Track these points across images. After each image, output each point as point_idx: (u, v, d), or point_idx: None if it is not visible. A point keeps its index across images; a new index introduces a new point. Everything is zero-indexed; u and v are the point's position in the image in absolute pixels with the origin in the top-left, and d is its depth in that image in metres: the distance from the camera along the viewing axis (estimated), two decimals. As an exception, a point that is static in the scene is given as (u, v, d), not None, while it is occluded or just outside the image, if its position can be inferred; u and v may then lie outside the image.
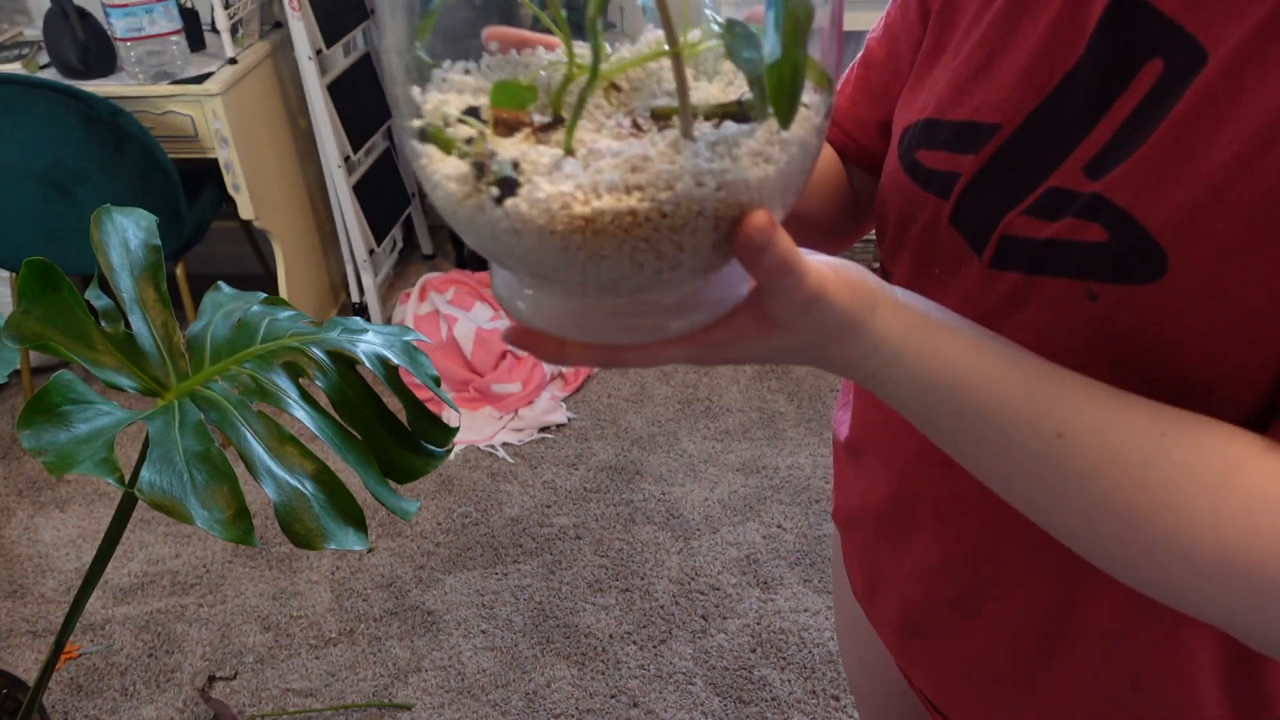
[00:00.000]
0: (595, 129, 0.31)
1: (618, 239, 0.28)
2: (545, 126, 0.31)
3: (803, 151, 0.31)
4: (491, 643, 1.50)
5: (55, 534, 1.74)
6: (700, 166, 0.28)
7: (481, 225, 0.30)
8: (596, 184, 0.28)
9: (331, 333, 0.70)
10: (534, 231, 0.29)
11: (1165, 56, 0.36)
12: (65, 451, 0.50)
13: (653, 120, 0.31)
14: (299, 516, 0.57)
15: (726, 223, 0.29)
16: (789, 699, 1.40)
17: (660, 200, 0.28)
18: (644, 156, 0.28)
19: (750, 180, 0.29)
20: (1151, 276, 0.35)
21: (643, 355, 0.34)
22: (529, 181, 0.28)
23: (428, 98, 0.32)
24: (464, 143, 0.30)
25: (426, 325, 2.12)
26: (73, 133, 1.60)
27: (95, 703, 1.42)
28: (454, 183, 0.30)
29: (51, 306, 0.57)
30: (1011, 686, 0.52)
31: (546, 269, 0.30)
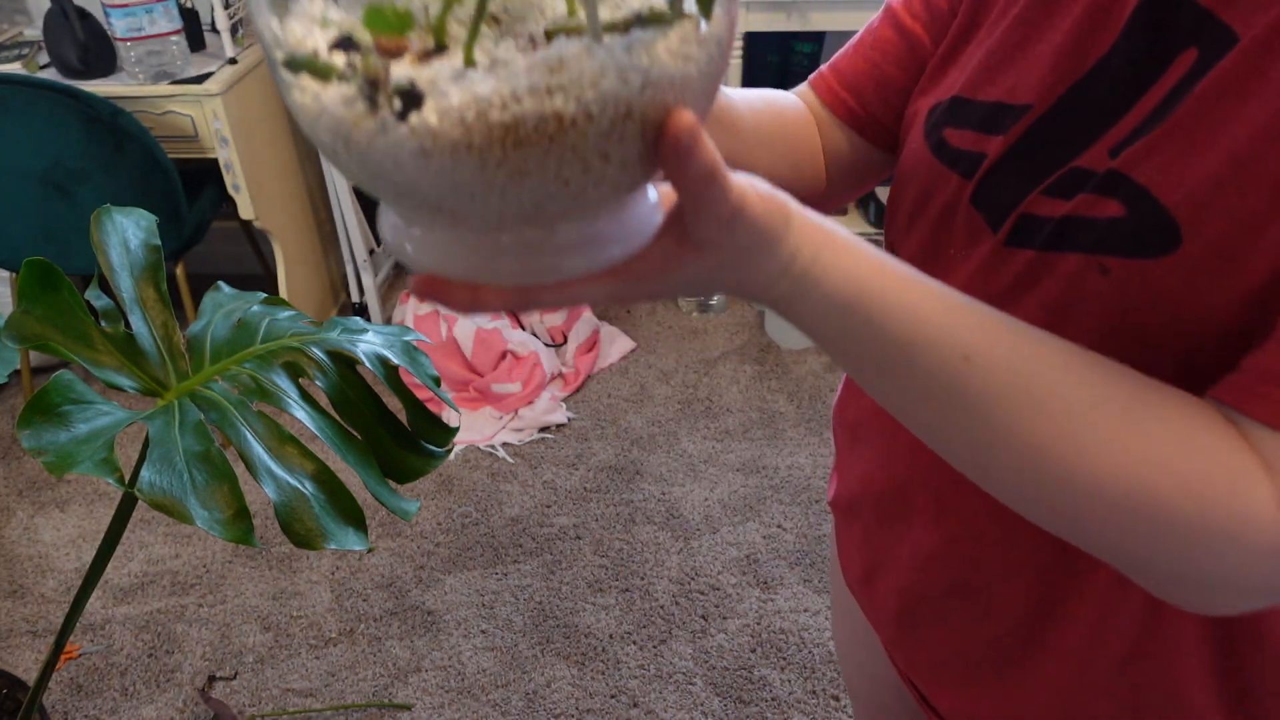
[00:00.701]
0: (495, 36, 0.28)
1: (541, 149, 0.26)
2: (429, 54, 0.27)
3: (719, 50, 0.29)
4: (491, 643, 1.50)
5: (55, 534, 1.74)
6: (624, 61, 0.26)
7: (381, 150, 0.26)
8: (515, 88, 0.25)
9: (331, 333, 0.70)
10: (446, 148, 0.25)
11: (1200, 46, 0.36)
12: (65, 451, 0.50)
13: (548, 40, 0.28)
14: (299, 516, 0.57)
15: (653, 128, 0.28)
16: (789, 699, 1.40)
17: (587, 101, 0.26)
18: (560, 58, 0.25)
19: (675, 76, 0.27)
20: (1164, 250, 0.35)
21: (561, 293, 0.32)
22: (435, 93, 0.25)
23: (288, 28, 0.29)
24: (346, 67, 0.26)
25: (426, 325, 2.12)
26: (73, 133, 1.60)
27: (95, 703, 1.42)
28: (343, 106, 0.26)
29: (51, 306, 0.57)
30: (1003, 675, 0.52)
31: (459, 196, 0.27)
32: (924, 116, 0.48)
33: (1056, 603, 0.48)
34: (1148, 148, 0.36)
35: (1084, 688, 0.49)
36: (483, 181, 0.26)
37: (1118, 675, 0.48)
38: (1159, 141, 0.36)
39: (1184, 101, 0.35)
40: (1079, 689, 0.50)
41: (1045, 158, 0.41)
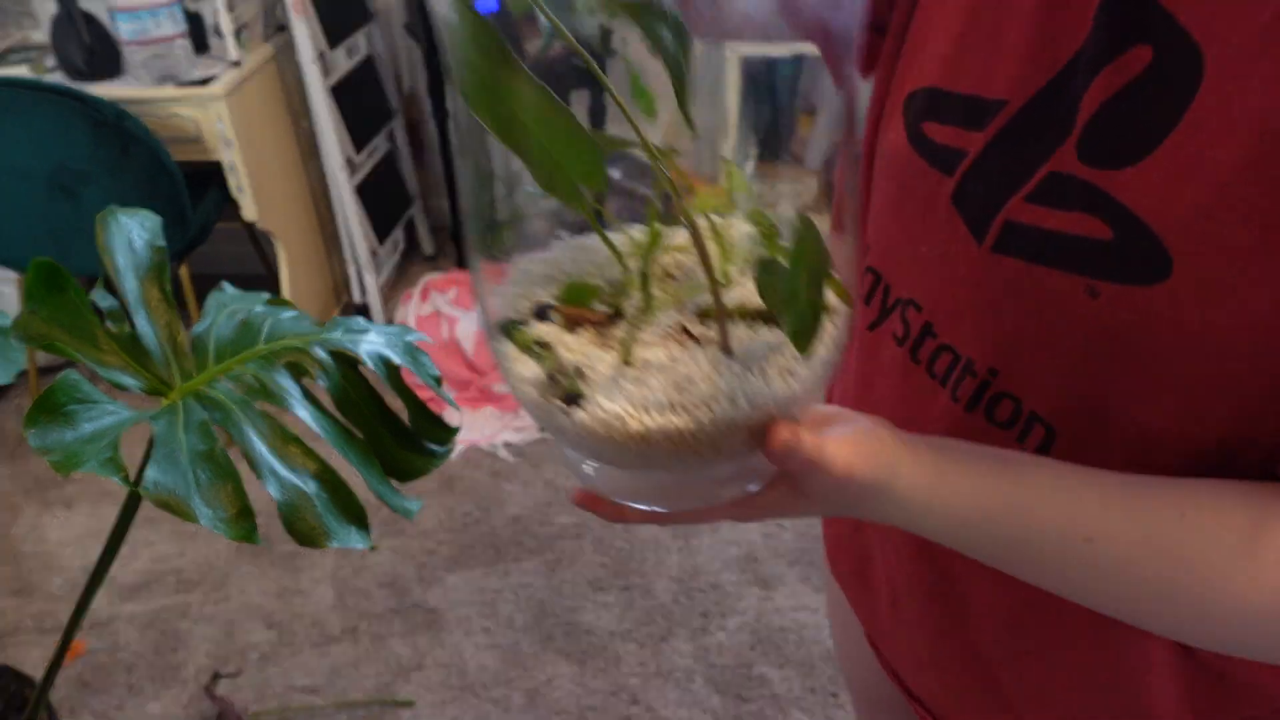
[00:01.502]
0: (651, 325, 0.36)
1: (665, 447, 0.33)
2: (607, 320, 0.36)
3: (824, 366, 0.35)
4: (493, 640, 1.51)
5: (61, 532, 1.75)
6: (735, 387, 0.33)
7: (551, 424, 0.35)
8: (647, 403, 0.32)
9: (334, 333, 0.71)
10: (595, 438, 0.33)
11: (1155, 44, 0.35)
12: (71, 450, 0.51)
13: (698, 319, 0.36)
14: (302, 515, 0.57)
15: (758, 429, 0.33)
16: (788, 696, 1.40)
17: (700, 419, 0.32)
18: (687, 377, 0.33)
19: (778, 396, 0.33)
20: (1155, 278, 0.35)
21: (687, 520, 0.39)
22: (591, 398, 0.33)
23: (506, 292, 0.37)
24: (538, 345, 0.35)
25: (428, 325, 2.13)
26: (78, 135, 1.61)
27: (101, 699, 1.43)
28: (530, 386, 0.35)
29: (57, 307, 0.58)
30: (982, 673, 0.53)
31: (607, 459, 0.36)
32: (902, 104, 0.47)
33: (1034, 608, 0.48)
34: (1138, 173, 0.36)
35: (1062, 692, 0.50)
36: (620, 458, 0.35)
37: (1092, 681, 0.48)
38: (1149, 168, 0.35)
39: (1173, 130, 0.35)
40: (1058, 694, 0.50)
41: (1023, 158, 0.40)
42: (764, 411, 0.33)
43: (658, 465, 0.35)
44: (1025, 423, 0.43)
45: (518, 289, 0.38)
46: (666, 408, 0.32)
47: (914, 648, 0.57)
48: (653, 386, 0.33)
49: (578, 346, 0.35)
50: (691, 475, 0.37)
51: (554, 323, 0.36)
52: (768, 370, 0.33)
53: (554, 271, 0.38)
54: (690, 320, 0.36)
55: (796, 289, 0.31)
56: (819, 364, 0.34)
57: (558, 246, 0.39)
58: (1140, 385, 0.37)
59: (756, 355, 0.34)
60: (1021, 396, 0.42)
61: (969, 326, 0.44)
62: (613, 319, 0.36)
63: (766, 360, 0.33)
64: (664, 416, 0.32)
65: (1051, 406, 0.41)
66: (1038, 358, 0.41)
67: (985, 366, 0.44)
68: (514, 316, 0.36)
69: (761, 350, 0.34)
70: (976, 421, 0.45)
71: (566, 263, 0.39)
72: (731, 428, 0.33)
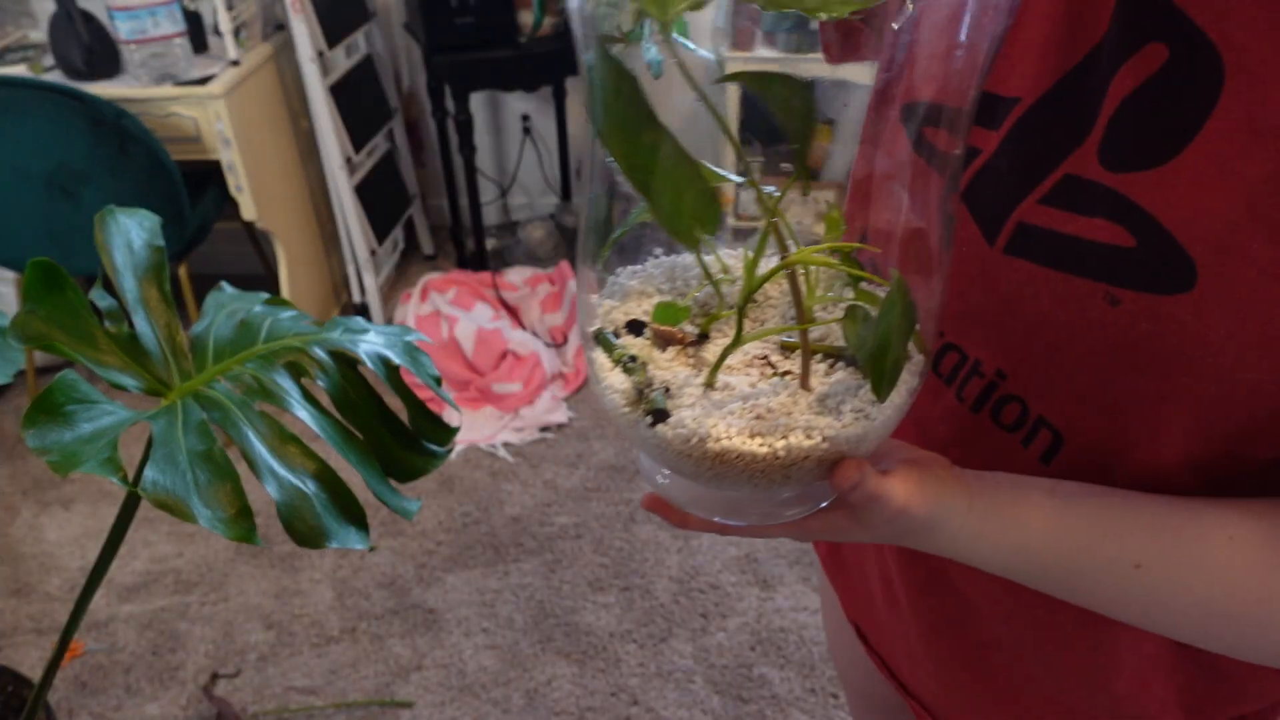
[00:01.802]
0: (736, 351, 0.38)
1: (739, 468, 0.35)
2: (695, 341, 0.39)
3: (896, 411, 0.37)
4: (492, 641, 1.51)
5: (60, 533, 1.75)
6: (810, 422, 0.35)
7: (634, 433, 0.37)
8: (728, 426, 0.35)
9: (333, 333, 0.70)
10: (675, 451, 0.36)
11: (1170, 44, 0.35)
12: (69, 451, 0.50)
13: (782, 352, 0.38)
14: (301, 515, 0.57)
15: (828, 463, 0.36)
16: (788, 697, 1.40)
17: (775, 448, 0.35)
18: (767, 408, 0.35)
19: (851, 436, 0.35)
20: (1178, 288, 0.35)
21: (751, 532, 0.41)
22: (675, 414, 0.35)
23: (602, 302, 0.40)
24: (628, 359, 0.37)
25: (428, 325, 2.13)
26: (77, 135, 1.61)
27: (100, 700, 1.43)
28: (618, 395, 0.37)
29: (56, 307, 0.58)
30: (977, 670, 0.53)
31: (681, 471, 0.38)
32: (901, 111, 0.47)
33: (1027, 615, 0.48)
34: (1160, 179, 0.35)
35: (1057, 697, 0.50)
36: (695, 473, 0.37)
37: (1089, 686, 0.48)
38: (1172, 175, 0.35)
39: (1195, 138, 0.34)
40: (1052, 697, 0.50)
41: (1037, 158, 0.40)
42: (836, 447, 0.35)
43: (729, 484, 0.37)
44: (1032, 427, 0.42)
45: (613, 300, 0.40)
46: (745, 434, 0.35)
47: (909, 645, 0.57)
48: (734, 412, 0.35)
49: (666, 364, 0.38)
50: (759, 495, 0.39)
51: (645, 338, 0.39)
52: (843, 410, 0.35)
53: (647, 287, 0.41)
54: (773, 350, 0.38)
55: (884, 342, 0.33)
56: (892, 409, 0.36)
57: (652, 263, 0.41)
58: (1155, 394, 0.37)
59: (835, 395, 0.36)
60: (1029, 400, 0.42)
61: (978, 328, 0.44)
62: (699, 340, 0.38)
63: (843, 400, 0.36)
64: (742, 441, 0.34)
65: (1060, 411, 0.41)
66: (1048, 362, 0.41)
67: (993, 368, 0.43)
68: (607, 328, 0.39)
69: (840, 391, 0.36)
70: (982, 423, 0.45)
71: (660, 279, 0.41)
72: (804, 459, 0.35)
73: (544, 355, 2.06)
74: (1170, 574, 0.37)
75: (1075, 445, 0.41)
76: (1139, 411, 0.38)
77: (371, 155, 2.27)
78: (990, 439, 0.44)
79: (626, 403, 0.37)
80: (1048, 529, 0.39)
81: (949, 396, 0.46)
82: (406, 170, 2.48)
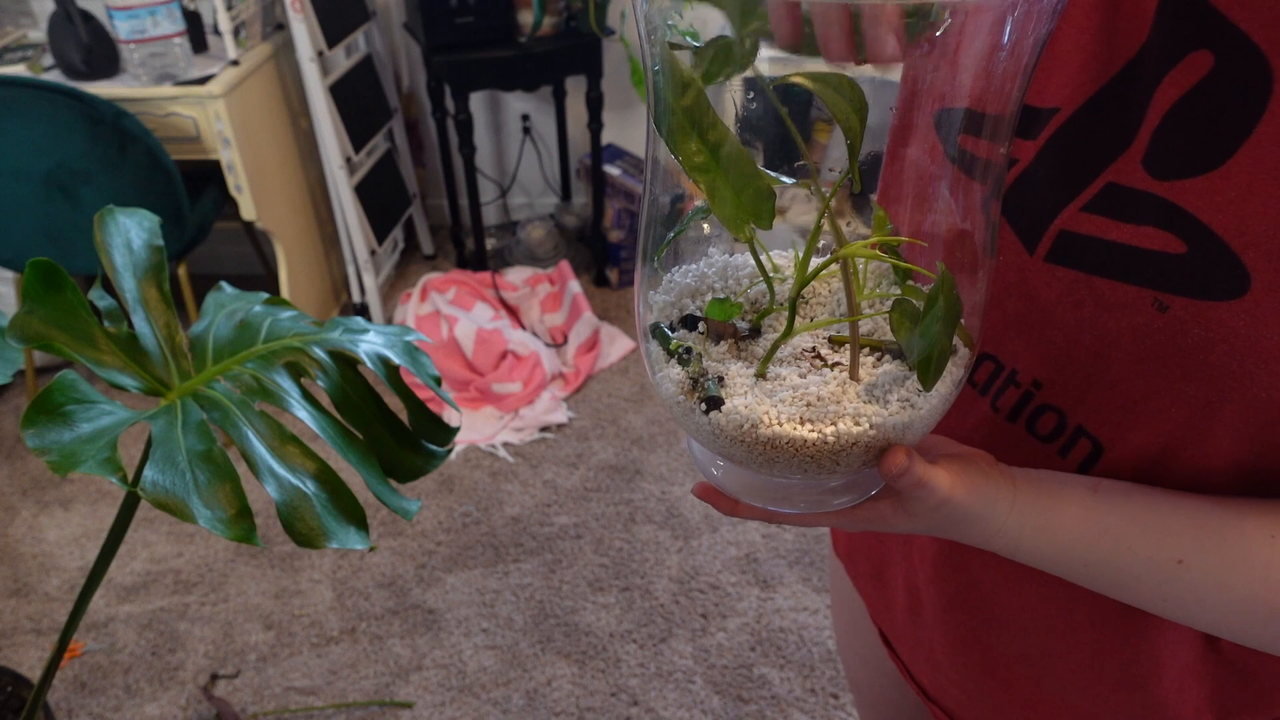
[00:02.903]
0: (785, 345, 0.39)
1: (789, 454, 0.37)
2: (747, 335, 0.40)
3: (942, 401, 0.38)
4: (492, 641, 1.51)
5: (59, 533, 1.74)
6: (859, 410, 0.36)
7: (688, 421, 0.39)
8: (779, 413, 0.36)
9: (333, 333, 0.70)
10: (728, 438, 0.38)
11: (1215, 50, 0.35)
12: (69, 451, 0.50)
13: (831, 346, 0.40)
14: (301, 516, 0.57)
15: (875, 450, 0.37)
16: (788, 697, 1.40)
17: (824, 434, 0.36)
18: (817, 396, 0.37)
19: (897, 423, 0.36)
20: (1231, 294, 0.35)
21: (800, 520, 0.42)
22: (729, 402, 0.37)
23: (658, 298, 0.42)
24: (684, 351, 0.39)
25: (427, 325, 2.13)
26: (76, 134, 1.61)
27: (99, 700, 1.43)
28: (674, 384, 0.39)
29: (55, 307, 0.57)
30: (1002, 678, 0.53)
31: (733, 458, 0.40)
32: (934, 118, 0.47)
33: (1059, 619, 0.48)
34: (1211, 185, 0.35)
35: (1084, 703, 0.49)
36: (748, 458, 0.38)
37: (1117, 692, 0.48)
38: (1222, 180, 0.35)
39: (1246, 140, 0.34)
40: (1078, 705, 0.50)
41: (1077, 166, 0.40)
42: (883, 434, 0.37)
43: (780, 470, 0.38)
44: (1070, 437, 0.42)
45: (669, 298, 0.42)
46: (796, 420, 0.36)
47: (932, 652, 0.57)
48: (785, 400, 0.37)
49: (719, 357, 0.40)
50: (808, 482, 0.40)
51: (700, 332, 0.41)
52: (890, 399, 0.37)
53: (702, 285, 0.43)
54: (821, 343, 0.40)
55: (929, 334, 0.34)
56: (938, 398, 0.38)
57: (707, 262, 0.43)
58: (1203, 401, 0.36)
59: (882, 385, 0.37)
60: (1067, 410, 0.42)
61: (1015, 337, 0.44)
62: (751, 335, 0.40)
63: (890, 390, 0.37)
64: (792, 427, 0.36)
65: (1101, 421, 0.41)
66: (1089, 371, 0.40)
67: (1030, 378, 0.43)
68: (664, 322, 0.41)
69: (887, 381, 0.37)
70: (1017, 433, 0.44)
71: (714, 278, 0.43)
72: (852, 445, 0.37)
73: (544, 355, 2.06)
74: (1213, 571, 0.37)
75: (1115, 455, 0.41)
76: (1185, 420, 0.38)
77: (371, 155, 2.27)
78: (1025, 449, 0.44)
79: (682, 392, 0.39)
80: (1090, 525, 0.39)
81: (984, 406, 0.46)
82: (406, 170, 2.47)
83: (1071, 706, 0.50)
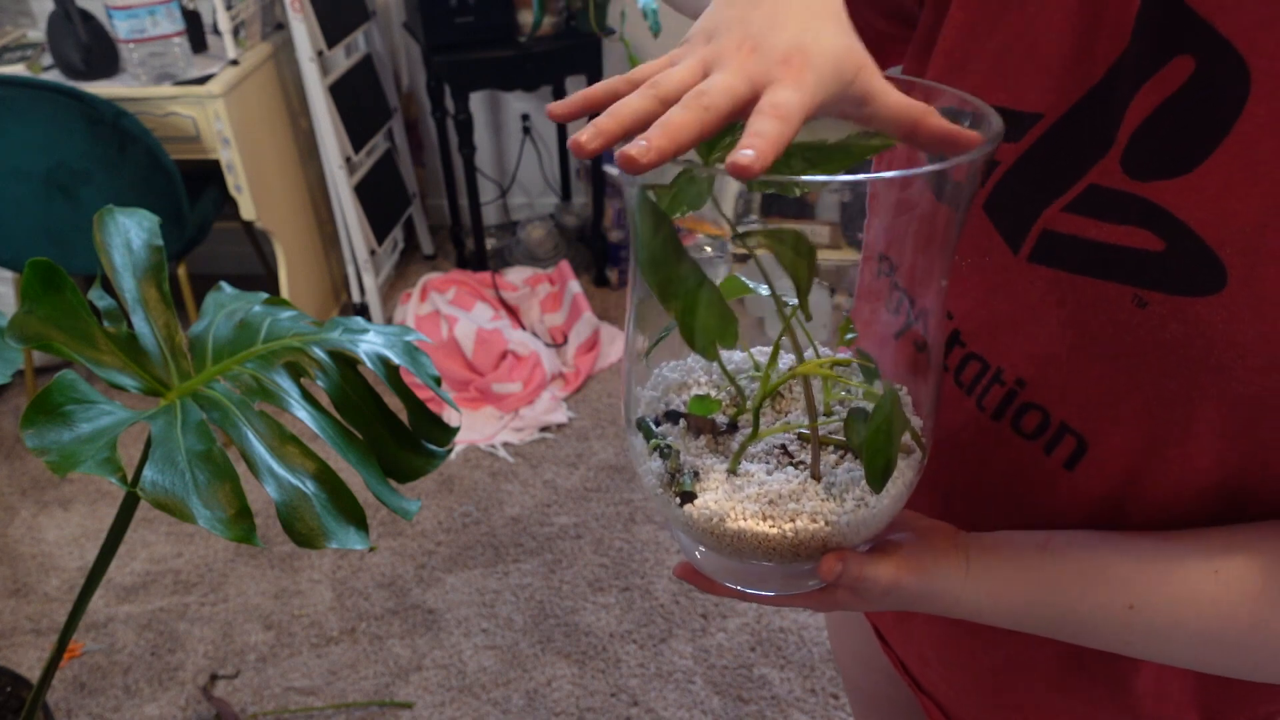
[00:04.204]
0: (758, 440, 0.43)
1: (753, 545, 0.41)
2: (725, 430, 0.44)
3: (893, 501, 0.41)
4: (492, 641, 1.50)
5: (58, 533, 1.74)
6: (816, 508, 0.40)
7: (667, 510, 0.43)
8: (744, 509, 0.40)
9: (333, 333, 0.70)
10: (699, 529, 0.41)
11: (1196, 55, 0.35)
12: (68, 451, 0.50)
13: (800, 443, 0.43)
14: (300, 516, 0.57)
15: (833, 543, 0.41)
16: (788, 697, 1.40)
17: (784, 529, 0.40)
18: (779, 494, 0.40)
19: (852, 521, 0.40)
20: (1208, 290, 0.35)
21: (775, 602, 0.46)
22: (701, 496, 0.41)
23: (645, 393, 0.46)
24: (664, 446, 0.43)
25: (427, 325, 2.13)
26: (76, 134, 1.60)
27: (98, 701, 1.42)
28: (654, 477, 0.43)
29: (54, 307, 0.57)
30: (991, 673, 0.53)
31: (708, 545, 0.43)
32: None
33: None
34: (1189, 184, 0.35)
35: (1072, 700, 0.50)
36: (721, 548, 0.42)
37: (1106, 688, 0.48)
38: (1200, 179, 0.35)
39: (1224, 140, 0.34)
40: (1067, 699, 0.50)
41: (1060, 168, 0.40)
42: (838, 530, 0.40)
43: (748, 558, 0.42)
44: (1054, 434, 0.43)
45: (656, 392, 0.46)
46: (758, 516, 0.40)
47: (921, 648, 0.57)
48: (750, 496, 0.40)
49: (697, 451, 0.43)
50: (777, 568, 0.44)
51: (682, 428, 0.44)
52: (846, 498, 0.40)
53: (688, 380, 0.46)
54: (791, 442, 0.43)
55: (874, 445, 0.38)
56: (889, 499, 0.41)
57: (693, 358, 0.47)
58: (1183, 396, 0.37)
59: (839, 484, 0.41)
60: (1050, 407, 0.42)
61: (1001, 336, 0.44)
62: (730, 429, 0.44)
63: (847, 490, 0.40)
64: (755, 523, 0.40)
65: (1085, 417, 0.41)
66: (1072, 368, 0.41)
67: (1014, 376, 0.44)
68: (648, 416, 0.45)
69: (844, 481, 0.41)
70: (1002, 431, 0.45)
71: (698, 373, 0.47)
72: (810, 539, 0.40)
73: (544, 355, 2.06)
74: (1162, 612, 0.39)
75: (1099, 451, 0.41)
76: (1166, 415, 0.38)
77: (371, 155, 2.27)
78: (1010, 447, 0.44)
79: (661, 484, 0.42)
80: (1043, 584, 0.42)
81: (970, 405, 0.46)
82: (406, 170, 2.47)
83: (1055, 704, 0.51)
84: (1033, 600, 0.42)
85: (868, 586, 0.42)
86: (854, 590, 0.43)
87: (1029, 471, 0.44)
